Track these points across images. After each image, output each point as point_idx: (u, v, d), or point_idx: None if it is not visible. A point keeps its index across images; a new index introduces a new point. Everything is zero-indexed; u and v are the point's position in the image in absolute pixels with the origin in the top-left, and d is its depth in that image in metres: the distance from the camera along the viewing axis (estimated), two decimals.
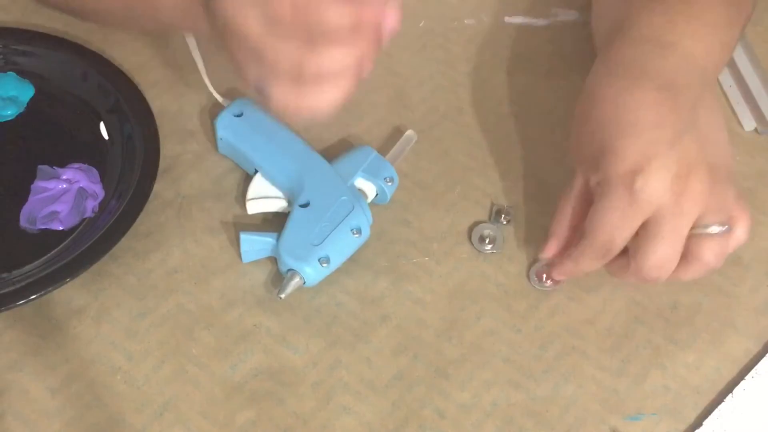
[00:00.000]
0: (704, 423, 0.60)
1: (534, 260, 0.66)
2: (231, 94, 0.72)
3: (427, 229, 0.68)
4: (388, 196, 0.67)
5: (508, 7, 0.81)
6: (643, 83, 0.58)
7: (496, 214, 0.68)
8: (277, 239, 0.63)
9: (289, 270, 0.62)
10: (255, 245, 0.64)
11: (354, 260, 0.66)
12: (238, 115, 0.68)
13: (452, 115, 0.74)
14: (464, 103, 0.75)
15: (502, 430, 0.59)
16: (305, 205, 0.64)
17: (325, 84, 0.51)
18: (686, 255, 0.58)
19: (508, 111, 0.75)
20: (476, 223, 0.68)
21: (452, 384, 0.61)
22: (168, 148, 0.70)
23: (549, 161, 0.72)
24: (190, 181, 0.69)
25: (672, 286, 0.66)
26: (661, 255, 0.57)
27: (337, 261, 0.63)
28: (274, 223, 0.67)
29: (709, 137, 0.59)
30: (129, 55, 0.75)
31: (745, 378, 0.62)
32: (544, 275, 0.65)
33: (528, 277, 0.66)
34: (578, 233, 0.61)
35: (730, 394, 0.61)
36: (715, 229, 0.57)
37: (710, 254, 0.58)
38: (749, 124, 0.75)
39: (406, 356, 0.62)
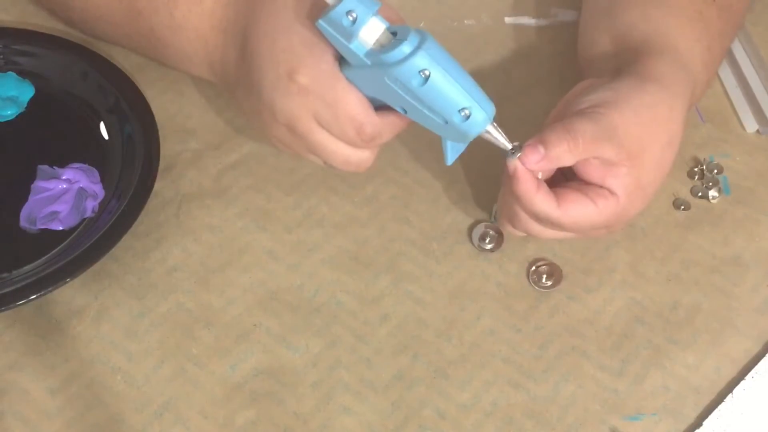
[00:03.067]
0: (704, 423, 0.60)
1: (534, 260, 0.66)
2: None
3: (427, 228, 0.68)
4: None
5: (508, 7, 0.81)
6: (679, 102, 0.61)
7: (496, 214, 0.68)
8: None
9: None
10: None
11: (354, 259, 0.66)
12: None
13: None
14: None
15: (502, 430, 0.59)
16: None
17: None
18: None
19: (509, 111, 0.74)
20: (476, 223, 0.68)
21: (452, 384, 0.61)
22: (168, 148, 0.70)
23: None
24: (189, 179, 0.69)
25: (672, 286, 0.66)
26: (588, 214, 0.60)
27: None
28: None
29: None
30: (129, 55, 0.75)
31: (745, 378, 0.62)
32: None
33: (527, 276, 0.66)
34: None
35: (730, 394, 0.61)
36: None
37: None
38: (751, 125, 0.75)
39: (406, 356, 0.62)
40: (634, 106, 0.59)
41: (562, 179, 0.61)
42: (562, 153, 0.57)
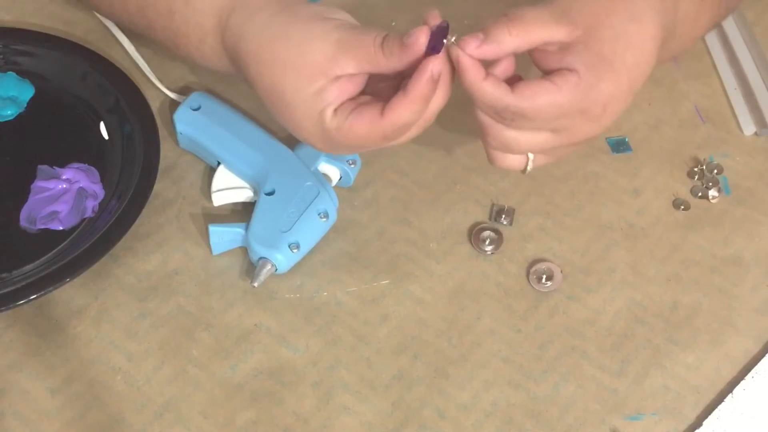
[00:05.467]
0: (704, 423, 0.60)
1: (534, 261, 0.66)
2: (186, 91, 0.72)
3: (427, 228, 0.68)
4: (352, 179, 0.68)
5: (509, 7, 0.81)
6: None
7: (496, 214, 0.68)
8: (246, 229, 0.63)
9: (261, 258, 0.62)
10: (224, 237, 0.64)
11: (354, 260, 0.66)
12: (196, 109, 0.69)
13: (452, 115, 0.74)
14: (464, 103, 0.75)
15: (502, 430, 0.59)
16: (271, 193, 0.64)
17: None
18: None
19: None
20: (476, 224, 0.68)
21: (452, 384, 0.61)
22: (168, 148, 0.70)
23: None
24: (190, 181, 0.69)
25: (672, 286, 0.66)
26: (525, 141, 0.57)
27: (306, 246, 0.64)
28: (243, 213, 0.67)
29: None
30: (129, 55, 0.75)
31: (745, 378, 0.62)
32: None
33: (527, 276, 0.66)
34: None
35: (730, 394, 0.61)
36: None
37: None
38: (749, 128, 0.74)
39: (406, 356, 0.62)
40: None
41: None
42: (503, 36, 0.55)
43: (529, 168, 0.59)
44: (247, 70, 0.59)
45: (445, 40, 0.55)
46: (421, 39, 0.54)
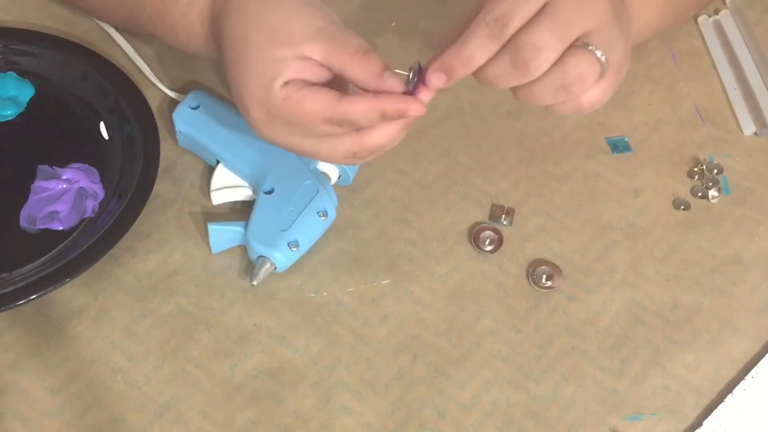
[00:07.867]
0: (704, 423, 0.60)
1: (534, 261, 0.66)
2: (185, 90, 0.73)
3: (427, 228, 0.68)
4: (351, 178, 0.68)
5: None
6: None
7: (496, 214, 0.68)
8: (245, 227, 0.63)
9: (260, 257, 0.63)
10: (224, 235, 0.64)
11: (354, 259, 0.66)
12: (195, 107, 0.69)
13: (452, 115, 0.74)
14: (464, 103, 0.75)
15: (502, 430, 0.59)
16: (270, 192, 0.64)
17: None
18: (556, 63, 0.54)
19: (508, 111, 0.75)
20: (476, 224, 0.68)
21: (452, 384, 0.61)
22: (168, 148, 0.70)
23: (548, 161, 0.72)
24: (190, 180, 0.69)
25: (672, 286, 0.66)
26: (543, 38, 0.53)
27: (305, 244, 0.64)
28: (242, 212, 0.67)
29: None
30: (129, 54, 0.75)
31: (745, 378, 0.62)
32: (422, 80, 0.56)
33: (527, 276, 0.66)
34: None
35: (730, 394, 0.61)
36: (597, 51, 0.54)
37: (576, 70, 0.54)
38: (749, 128, 0.75)
39: (406, 356, 0.62)
40: None
41: None
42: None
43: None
44: (224, 24, 0.59)
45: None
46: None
